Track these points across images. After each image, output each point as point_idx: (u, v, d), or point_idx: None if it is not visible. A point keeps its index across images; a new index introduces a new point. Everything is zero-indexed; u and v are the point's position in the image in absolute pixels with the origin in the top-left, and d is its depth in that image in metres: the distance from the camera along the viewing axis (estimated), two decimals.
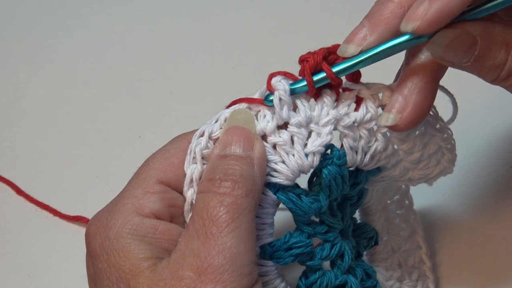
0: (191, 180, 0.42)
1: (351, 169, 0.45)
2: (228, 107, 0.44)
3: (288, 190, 0.43)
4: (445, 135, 0.46)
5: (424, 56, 0.42)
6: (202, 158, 0.42)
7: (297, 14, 0.74)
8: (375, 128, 0.44)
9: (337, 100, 0.44)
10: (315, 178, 0.45)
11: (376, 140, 0.44)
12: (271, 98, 0.43)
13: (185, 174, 0.42)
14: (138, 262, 0.39)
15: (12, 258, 0.60)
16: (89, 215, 0.60)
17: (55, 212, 0.61)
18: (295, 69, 0.45)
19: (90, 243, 0.41)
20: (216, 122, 0.43)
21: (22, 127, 0.69)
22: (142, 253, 0.39)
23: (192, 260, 0.37)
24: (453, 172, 0.49)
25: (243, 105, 0.44)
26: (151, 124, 0.67)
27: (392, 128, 0.42)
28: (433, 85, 0.43)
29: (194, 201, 0.41)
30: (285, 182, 0.43)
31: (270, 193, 0.43)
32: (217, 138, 0.42)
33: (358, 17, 0.43)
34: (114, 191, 0.62)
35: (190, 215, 0.42)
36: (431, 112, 0.45)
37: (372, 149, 0.45)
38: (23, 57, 0.75)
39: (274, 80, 0.43)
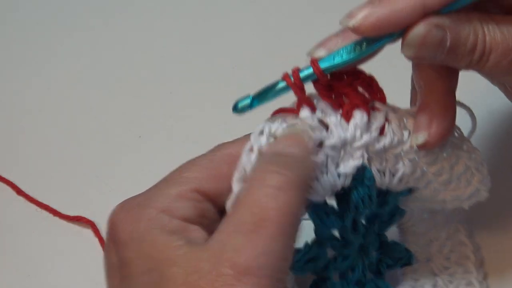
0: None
1: (381, 188, 0.45)
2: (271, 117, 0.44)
3: (317, 206, 0.43)
4: (473, 155, 0.46)
5: (430, 72, 0.44)
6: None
7: (297, 14, 0.74)
8: (402, 154, 0.44)
9: (369, 119, 0.43)
10: (341, 199, 0.45)
11: (404, 165, 0.44)
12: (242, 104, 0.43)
13: (226, 188, 0.41)
14: (171, 250, 0.38)
15: (12, 258, 0.60)
16: (89, 215, 0.61)
17: (55, 212, 0.61)
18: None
19: (116, 231, 0.40)
20: (262, 134, 0.42)
21: (22, 127, 0.69)
22: (174, 242, 0.38)
23: (233, 255, 0.35)
24: None
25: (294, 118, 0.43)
26: (151, 124, 0.67)
27: (423, 146, 0.43)
28: (449, 96, 0.44)
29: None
30: (317, 199, 0.43)
31: None
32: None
33: None
34: (114, 191, 0.63)
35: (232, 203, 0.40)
36: (456, 134, 0.46)
37: (400, 173, 0.44)
38: (23, 57, 0.75)
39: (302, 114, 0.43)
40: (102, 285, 0.43)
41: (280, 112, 0.44)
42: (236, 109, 0.43)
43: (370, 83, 0.44)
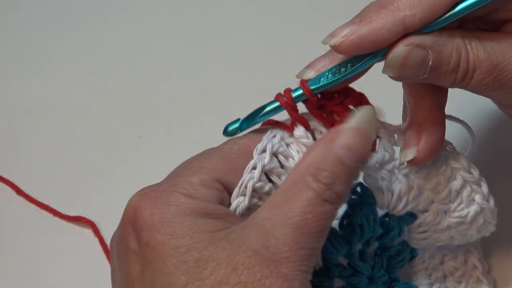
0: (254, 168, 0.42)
1: (382, 211, 0.46)
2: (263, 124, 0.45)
3: None
4: (471, 170, 0.46)
5: (418, 87, 0.44)
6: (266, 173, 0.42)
7: (297, 14, 0.74)
8: (395, 170, 0.45)
9: None
10: (345, 221, 0.45)
11: (399, 181, 0.45)
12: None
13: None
14: (212, 233, 0.38)
15: (12, 258, 0.60)
16: (89, 215, 0.61)
17: (55, 212, 0.61)
18: (294, 69, 0.45)
19: (141, 216, 0.39)
20: (274, 137, 0.43)
21: (22, 127, 0.69)
22: (213, 227, 0.38)
23: (277, 243, 0.37)
24: None
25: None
26: (151, 124, 0.67)
27: (413, 162, 0.44)
28: (438, 111, 0.45)
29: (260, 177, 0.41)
30: None
31: None
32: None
33: None
34: (114, 191, 0.63)
35: (246, 186, 0.41)
36: (448, 148, 0.46)
37: (397, 190, 0.45)
38: (23, 57, 0.75)
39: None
40: (102, 285, 0.43)
41: (272, 123, 0.44)
42: (226, 132, 0.44)
43: (361, 100, 0.44)
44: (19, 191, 0.63)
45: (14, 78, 0.73)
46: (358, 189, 0.45)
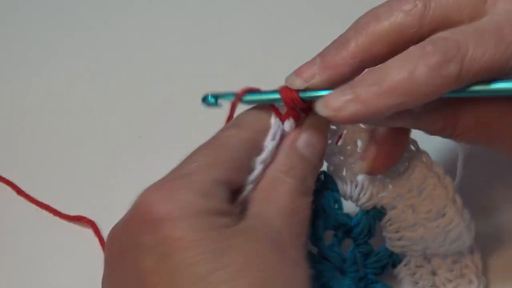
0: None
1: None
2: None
3: None
4: (434, 167, 0.47)
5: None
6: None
7: (297, 14, 0.74)
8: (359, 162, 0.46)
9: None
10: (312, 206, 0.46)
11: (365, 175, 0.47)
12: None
13: (244, 181, 0.43)
14: (225, 228, 0.39)
15: (13, 258, 0.60)
16: (90, 214, 0.61)
17: (55, 212, 0.61)
18: (294, 69, 0.45)
19: (157, 210, 0.39)
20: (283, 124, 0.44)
21: (22, 127, 0.69)
22: (225, 223, 0.40)
23: (277, 235, 0.40)
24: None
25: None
26: (151, 124, 0.67)
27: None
28: (403, 136, 0.47)
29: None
30: None
31: None
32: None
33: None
34: (114, 191, 0.63)
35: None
36: (412, 147, 0.47)
37: (360, 182, 0.47)
38: (23, 57, 0.75)
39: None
40: None
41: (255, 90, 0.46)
42: (206, 101, 0.48)
43: None
44: (19, 191, 0.63)
45: (14, 78, 0.73)
46: (322, 177, 0.47)
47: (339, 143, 0.47)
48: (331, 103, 0.41)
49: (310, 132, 0.44)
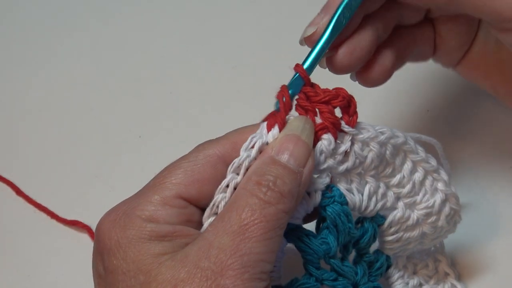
0: (227, 187, 0.42)
1: (355, 214, 0.47)
2: (264, 120, 0.44)
3: (297, 231, 0.44)
4: (429, 160, 0.47)
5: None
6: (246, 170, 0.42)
7: (297, 14, 0.74)
8: (363, 172, 0.46)
9: (335, 145, 0.45)
10: (321, 224, 0.46)
11: (367, 182, 0.46)
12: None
13: (210, 191, 0.42)
14: (159, 256, 0.39)
15: (12, 258, 0.60)
16: (89, 214, 0.61)
17: (52, 215, 0.61)
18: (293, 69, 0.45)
19: (103, 240, 0.41)
20: (258, 138, 0.43)
21: (22, 127, 0.69)
22: (163, 249, 0.39)
23: (218, 253, 0.38)
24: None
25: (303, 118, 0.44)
26: (151, 124, 0.67)
27: (333, 66, 0.48)
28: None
29: (232, 195, 0.41)
30: (294, 221, 0.43)
31: None
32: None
33: None
34: (114, 191, 0.63)
35: (218, 206, 0.42)
36: (408, 145, 0.47)
37: (367, 190, 0.46)
38: (24, 57, 0.75)
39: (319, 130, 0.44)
40: None
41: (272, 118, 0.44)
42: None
43: (350, 103, 0.45)
44: (18, 192, 0.63)
45: (14, 78, 0.73)
46: (329, 191, 0.45)
47: (347, 158, 0.46)
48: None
49: (283, 137, 0.42)
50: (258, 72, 0.69)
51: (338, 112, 0.45)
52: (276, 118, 0.43)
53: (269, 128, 0.43)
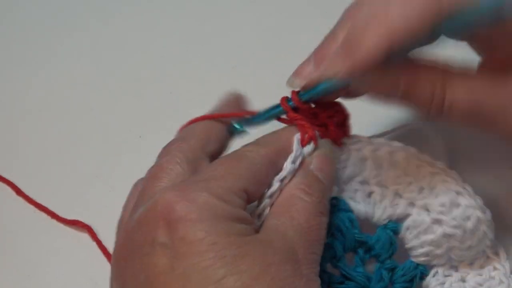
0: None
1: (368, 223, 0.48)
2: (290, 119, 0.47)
3: None
4: (436, 162, 0.48)
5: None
6: None
7: (297, 14, 0.74)
8: (367, 180, 0.48)
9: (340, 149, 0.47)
10: (327, 232, 0.46)
11: (373, 190, 0.48)
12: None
13: (260, 194, 0.44)
14: (241, 236, 0.39)
15: (13, 258, 0.60)
16: (89, 214, 0.61)
17: (53, 215, 0.61)
18: (294, 69, 0.45)
19: (174, 211, 0.39)
20: (298, 154, 0.45)
21: (22, 127, 0.69)
22: (244, 231, 0.40)
23: (295, 246, 0.40)
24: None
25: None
26: (151, 124, 0.67)
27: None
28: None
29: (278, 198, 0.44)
30: None
31: None
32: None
33: None
34: (114, 191, 0.63)
35: (264, 209, 0.43)
36: (411, 149, 0.48)
37: (373, 198, 0.47)
38: (23, 57, 0.75)
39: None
40: (102, 285, 0.43)
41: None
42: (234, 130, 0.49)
43: (344, 122, 0.47)
44: (18, 192, 0.63)
45: (14, 78, 0.73)
46: (334, 201, 0.47)
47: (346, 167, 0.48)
48: (300, 70, 0.46)
49: (321, 158, 0.45)
50: (258, 72, 0.69)
51: None
52: (309, 135, 0.45)
53: (303, 143, 0.45)
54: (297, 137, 0.45)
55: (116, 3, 0.78)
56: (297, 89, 0.46)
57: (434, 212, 0.47)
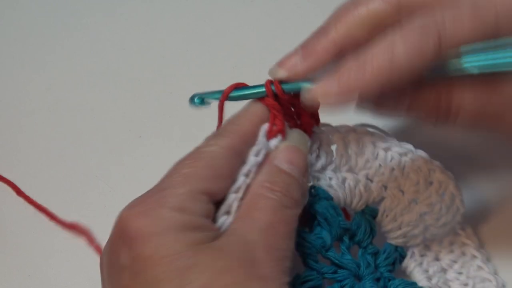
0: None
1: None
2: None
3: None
4: (402, 144, 0.48)
5: None
6: None
7: (297, 14, 0.74)
8: (338, 169, 0.48)
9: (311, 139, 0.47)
10: (314, 222, 0.47)
11: (345, 177, 0.48)
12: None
13: (225, 187, 0.43)
14: (193, 245, 0.39)
15: (13, 258, 0.60)
16: (89, 214, 0.61)
17: (52, 217, 0.61)
18: None
19: (129, 230, 0.40)
20: (262, 146, 0.45)
21: (22, 127, 0.69)
22: (197, 239, 0.40)
23: (252, 247, 0.40)
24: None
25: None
26: (151, 124, 0.67)
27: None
28: None
29: (244, 196, 0.43)
30: None
31: None
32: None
33: None
34: (114, 191, 0.63)
35: (231, 205, 0.43)
36: (376, 132, 0.49)
37: (347, 185, 0.48)
38: (24, 57, 0.75)
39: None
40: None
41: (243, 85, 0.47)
42: (193, 102, 0.49)
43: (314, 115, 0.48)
44: (19, 192, 0.63)
45: (14, 78, 0.73)
46: (313, 191, 0.47)
47: (319, 156, 0.48)
48: (285, 61, 0.45)
49: (289, 149, 0.45)
50: (258, 72, 0.69)
51: None
52: (278, 128, 0.45)
53: (270, 136, 0.45)
54: (263, 128, 0.45)
55: (116, 3, 0.78)
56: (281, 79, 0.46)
57: (409, 191, 0.48)
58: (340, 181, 0.48)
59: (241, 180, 0.43)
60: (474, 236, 0.52)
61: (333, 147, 0.48)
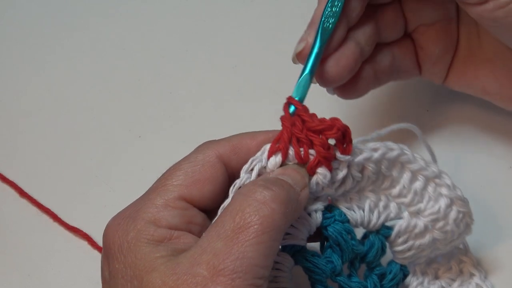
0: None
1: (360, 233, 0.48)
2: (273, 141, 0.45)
3: (303, 252, 0.45)
4: (429, 168, 0.47)
5: None
6: None
7: (297, 14, 0.74)
8: (362, 189, 0.47)
9: (331, 176, 0.45)
10: (325, 244, 0.46)
11: (367, 197, 0.47)
12: None
13: (210, 191, 0.43)
14: (153, 260, 0.39)
15: (13, 258, 0.60)
16: (89, 214, 0.61)
17: (55, 217, 0.61)
18: (294, 69, 0.45)
19: (108, 245, 0.41)
20: (257, 161, 0.44)
21: (23, 128, 0.69)
22: (157, 253, 0.39)
23: (210, 258, 0.37)
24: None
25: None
26: (151, 124, 0.67)
27: (325, 80, 0.50)
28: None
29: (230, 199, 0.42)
30: (299, 242, 0.44)
31: (288, 256, 0.44)
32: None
33: None
34: (114, 191, 0.63)
35: (220, 211, 0.42)
36: (406, 152, 0.47)
37: (367, 205, 0.47)
38: (24, 57, 0.75)
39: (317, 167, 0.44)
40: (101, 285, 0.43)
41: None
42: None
43: (345, 134, 0.44)
44: (22, 193, 0.63)
45: (14, 78, 0.73)
46: (330, 212, 0.46)
47: (344, 183, 0.47)
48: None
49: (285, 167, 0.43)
50: (258, 72, 0.69)
51: None
52: (280, 147, 0.43)
53: (270, 154, 0.43)
54: (265, 147, 0.44)
55: (116, 3, 0.78)
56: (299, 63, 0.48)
57: (426, 218, 0.48)
58: (361, 202, 0.47)
59: (230, 197, 0.43)
60: (472, 255, 0.52)
61: (357, 170, 0.46)
